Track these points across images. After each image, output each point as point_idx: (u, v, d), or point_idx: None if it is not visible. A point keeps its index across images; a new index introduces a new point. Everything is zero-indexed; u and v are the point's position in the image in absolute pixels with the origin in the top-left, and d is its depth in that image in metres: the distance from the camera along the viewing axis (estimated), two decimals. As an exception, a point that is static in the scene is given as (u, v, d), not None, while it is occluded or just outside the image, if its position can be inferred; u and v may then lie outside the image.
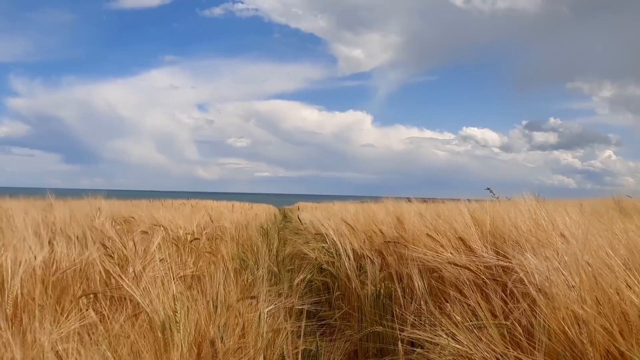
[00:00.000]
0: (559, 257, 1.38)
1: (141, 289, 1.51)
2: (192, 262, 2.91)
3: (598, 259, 1.23)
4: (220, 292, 1.85)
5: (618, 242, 1.34)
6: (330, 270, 3.40)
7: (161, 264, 2.33)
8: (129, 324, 1.55)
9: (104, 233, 2.71)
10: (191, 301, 1.70)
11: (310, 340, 2.35)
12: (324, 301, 3.38)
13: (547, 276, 1.32)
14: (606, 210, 3.91)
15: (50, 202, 4.09)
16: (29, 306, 1.71)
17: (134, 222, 4.07)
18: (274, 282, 3.15)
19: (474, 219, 2.29)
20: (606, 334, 1.12)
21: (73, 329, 1.35)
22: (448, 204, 3.76)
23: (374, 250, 3.14)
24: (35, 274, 1.84)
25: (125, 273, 1.94)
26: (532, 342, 1.25)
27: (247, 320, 1.80)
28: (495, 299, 1.48)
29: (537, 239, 1.79)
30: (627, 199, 5.04)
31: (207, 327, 1.62)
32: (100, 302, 1.80)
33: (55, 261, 1.95)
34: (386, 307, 2.61)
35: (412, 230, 2.92)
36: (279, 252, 4.60)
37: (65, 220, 3.15)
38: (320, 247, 3.78)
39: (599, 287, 1.19)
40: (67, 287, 1.85)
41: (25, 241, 1.91)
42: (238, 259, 3.62)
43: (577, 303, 1.18)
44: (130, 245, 2.42)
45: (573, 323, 1.16)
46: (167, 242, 3.23)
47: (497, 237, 2.13)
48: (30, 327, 1.36)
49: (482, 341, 1.30)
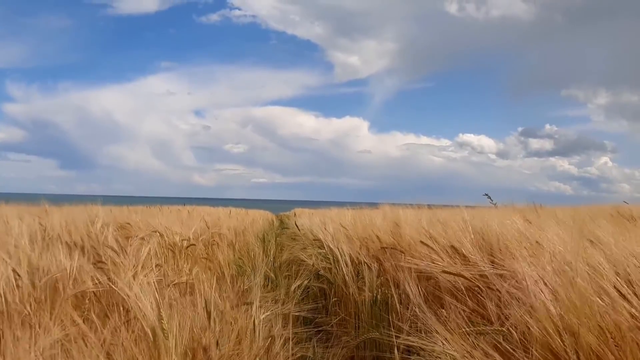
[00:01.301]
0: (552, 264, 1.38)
1: (134, 294, 1.50)
2: (188, 269, 2.89)
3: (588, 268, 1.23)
4: (215, 298, 1.84)
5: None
6: (327, 277, 3.38)
7: (156, 270, 2.32)
8: (123, 329, 1.54)
9: (99, 240, 2.70)
10: (186, 307, 1.69)
11: (306, 347, 2.34)
12: (321, 307, 3.37)
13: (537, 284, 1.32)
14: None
15: (45, 209, 4.07)
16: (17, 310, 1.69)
17: (129, 228, 4.05)
18: (270, 288, 3.14)
19: (470, 226, 2.29)
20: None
21: (64, 335, 1.33)
22: (445, 211, 3.75)
23: (371, 257, 3.13)
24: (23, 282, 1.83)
25: (119, 278, 1.93)
26: (528, 349, 1.25)
27: (243, 327, 1.79)
28: (491, 305, 1.47)
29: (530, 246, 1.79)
30: (624, 205, 5.04)
31: (202, 334, 1.61)
32: (93, 304, 1.79)
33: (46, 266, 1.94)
34: (383, 314, 2.60)
35: (408, 237, 2.91)
36: (276, 258, 4.58)
37: (61, 226, 3.13)
38: (317, 253, 3.77)
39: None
40: (58, 291, 1.84)
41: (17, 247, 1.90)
42: (235, 265, 3.60)
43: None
44: (126, 251, 2.41)
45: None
46: (162, 248, 3.22)
47: (492, 245, 2.13)
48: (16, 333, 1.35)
49: (478, 348, 1.29)
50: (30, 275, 1.83)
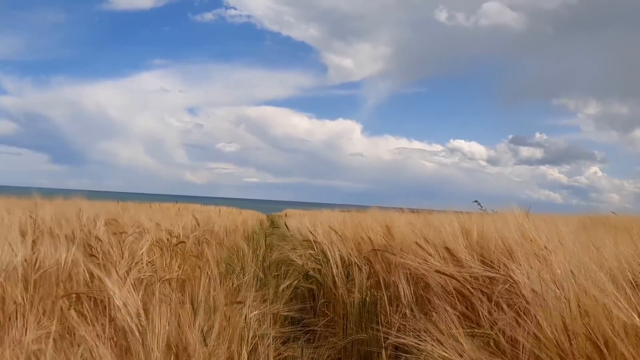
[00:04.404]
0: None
1: (118, 291, 1.48)
2: (177, 266, 2.88)
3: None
4: (203, 295, 1.83)
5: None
6: (316, 277, 3.38)
7: (146, 267, 2.31)
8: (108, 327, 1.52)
9: (91, 233, 2.68)
10: (172, 304, 1.68)
11: (294, 347, 2.34)
12: (309, 308, 3.36)
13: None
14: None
15: (35, 202, 4.03)
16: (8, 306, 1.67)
17: (116, 225, 4.01)
18: (259, 287, 3.12)
19: (462, 230, 2.30)
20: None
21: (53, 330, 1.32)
22: (436, 215, 3.76)
23: (362, 258, 3.13)
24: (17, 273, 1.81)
25: (109, 275, 1.91)
26: (517, 351, 1.25)
27: (231, 325, 1.78)
28: (481, 308, 1.48)
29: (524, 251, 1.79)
30: (612, 215, 5.09)
31: (189, 331, 1.60)
32: (83, 303, 1.77)
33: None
34: (371, 315, 2.60)
35: (400, 239, 2.92)
36: (266, 258, 4.57)
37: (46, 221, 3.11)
38: (307, 253, 3.77)
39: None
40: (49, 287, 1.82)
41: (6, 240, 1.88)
42: (224, 264, 3.59)
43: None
44: (118, 247, 2.39)
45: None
46: (152, 246, 3.20)
47: (484, 247, 2.14)
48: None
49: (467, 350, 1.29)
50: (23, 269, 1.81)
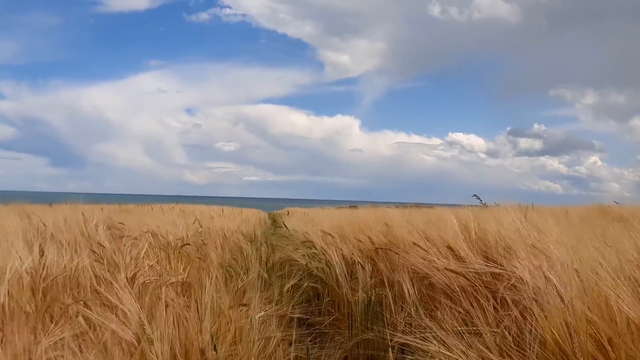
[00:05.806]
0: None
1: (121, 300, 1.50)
2: (182, 269, 2.89)
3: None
4: (209, 299, 1.84)
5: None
6: (320, 277, 3.39)
7: (151, 271, 2.32)
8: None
9: (94, 239, 2.69)
10: (180, 308, 1.69)
11: (300, 347, 2.35)
12: (314, 307, 3.38)
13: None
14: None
15: (38, 208, 4.05)
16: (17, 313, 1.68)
17: (123, 229, 4.03)
18: (263, 288, 3.14)
19: (463, 226, 2.31)
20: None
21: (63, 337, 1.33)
22: (436, 210, 3.78)
23: (364, 257, 3.14)
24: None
25: (115, 280, 1.93)
26: (523, 350, 1.27)
27: (239, 328, 1.79)
28: (487, 306, 1.49)
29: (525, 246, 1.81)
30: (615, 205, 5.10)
31: (198, 335, 1.61)
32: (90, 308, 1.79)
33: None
34: (377, 314, 2.61)
35: (401, 237, 2.93)
36: (269, 258, 4.58)
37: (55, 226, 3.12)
38: (310, 253, 3.77)
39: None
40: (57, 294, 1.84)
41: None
42: (228, 265, 3.60)
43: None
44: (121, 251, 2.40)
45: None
46: (155, 249, 3.21)
47: (486, 244, 2.15)
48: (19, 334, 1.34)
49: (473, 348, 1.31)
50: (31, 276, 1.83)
